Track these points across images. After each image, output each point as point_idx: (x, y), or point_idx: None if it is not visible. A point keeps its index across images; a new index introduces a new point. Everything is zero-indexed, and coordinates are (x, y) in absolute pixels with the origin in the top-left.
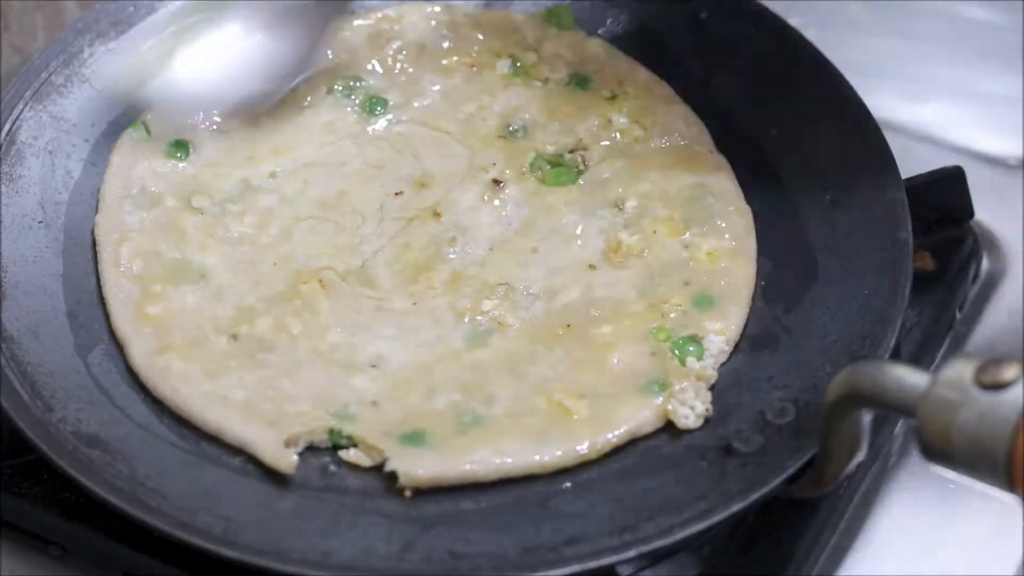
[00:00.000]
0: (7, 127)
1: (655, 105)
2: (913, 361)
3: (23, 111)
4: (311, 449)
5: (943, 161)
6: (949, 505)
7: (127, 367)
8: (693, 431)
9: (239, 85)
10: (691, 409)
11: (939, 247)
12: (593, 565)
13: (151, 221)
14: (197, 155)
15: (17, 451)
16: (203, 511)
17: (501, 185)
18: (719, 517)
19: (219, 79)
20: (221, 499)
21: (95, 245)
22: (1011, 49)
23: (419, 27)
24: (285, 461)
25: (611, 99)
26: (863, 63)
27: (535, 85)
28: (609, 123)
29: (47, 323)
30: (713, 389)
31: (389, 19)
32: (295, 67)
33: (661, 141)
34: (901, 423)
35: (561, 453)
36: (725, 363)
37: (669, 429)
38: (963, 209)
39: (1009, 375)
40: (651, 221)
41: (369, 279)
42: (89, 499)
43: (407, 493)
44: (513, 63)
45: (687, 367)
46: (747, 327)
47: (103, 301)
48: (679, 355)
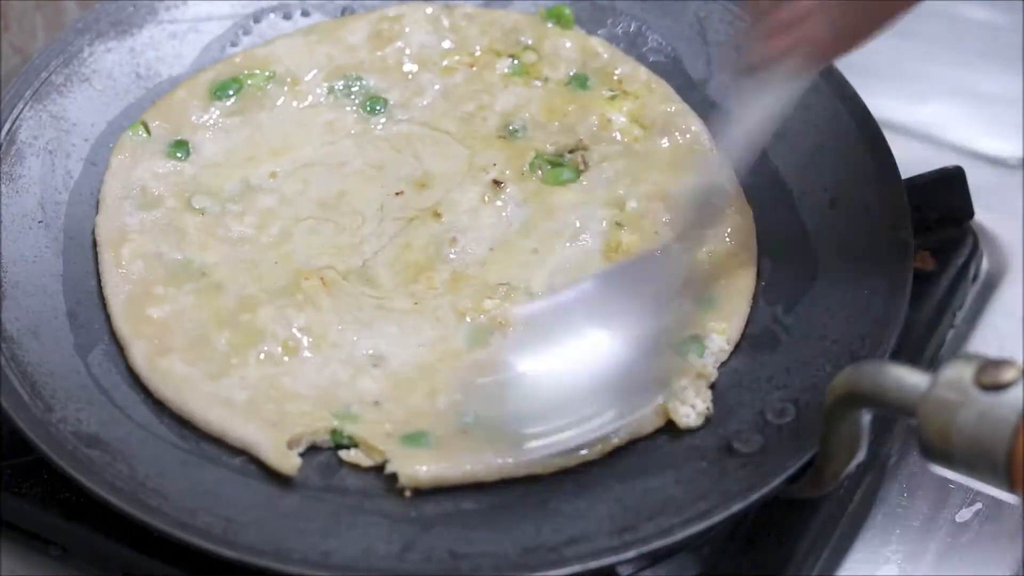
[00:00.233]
0: (7, 127)
1: (655, 105)
2: (913, 361)
3: (23, 111)
4: (311, 448)
5: (943, 161)
6: (949, 505)
7: (127, 367)
8: (693, 431)
9: None
10: (692, 408)
11: (939, 247)
12: (593, 565)
13: (151, 222)
14: (197, 155)
15: (17, 451)
16: (203, 511)
17: (501, 185)
18: (719, 517)
19: None
20: (221, 499)
21: (95, 245)
22: (1011, 49)
23: (419, 27)
24: (288, 462)
25: (611, 99)
26: (863, 63)
27: (535, 85)
28: (609, 123)
29: (47, 323)
30: (713, 389)
31: (389, 19)
32: None
33: (661, 141)
34: (901, 423)
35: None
36: (725, 363)
37: (669, 429)
38: (963, 209)
39: (1009, 376)
40: (651, 221)
41: (370, 278)
42: (89, 499)
43: (407, 493)
44: (513, 63)
45: (688, 365)
46: (747, 327)
47: (103, 301)
48: (680, 354)
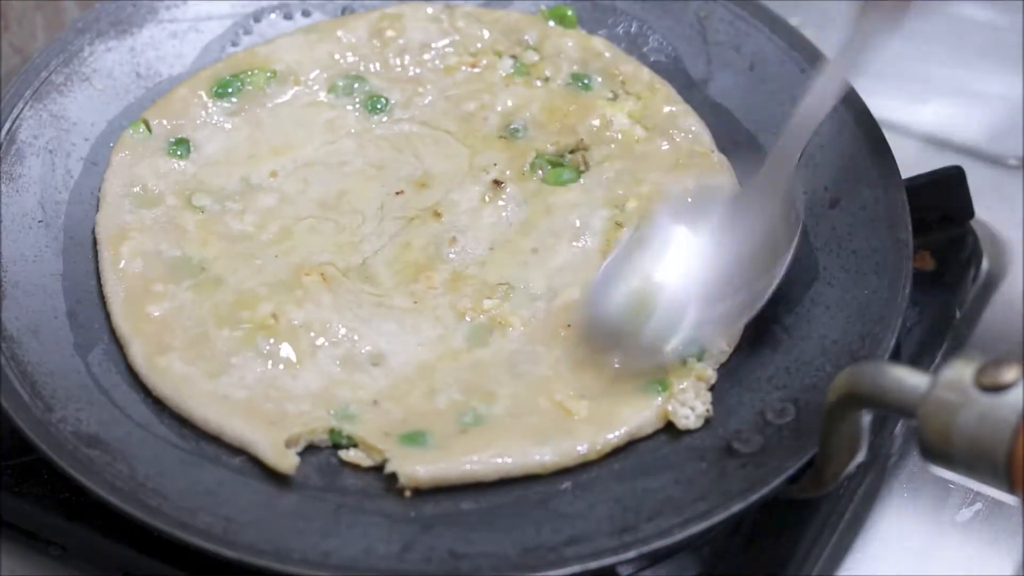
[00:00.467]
0: (7, 126)
1: (656, 105)
2: (913, 361)
3: (23, 110)
4: (311, 448)
5: (943, 161)
6: (949, 505)
7: (127, 367)
8: (693, 431)
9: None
10: (691, 409)
11: (939, 247)
12: (593, 565)
13: (152, 220)
14: (198, 154)
15: (17, 451)
16: (203, 511)
17: (502, 185)
18: (719, 518)
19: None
20: (221, 499)
21: (95, 245)
22: (1011, 49)
23: (420, 26)
24: (286, 462)
25: (612, 99)
26: None
27: (536, 85)
28: (610, 123)
29: (47, 323)
30: (713, 389)
31: (389, 18)
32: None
33: (662, 141)
34: (901, 423)
35: (561, 453)
36: (725, 363)
37: (669, 429)
38: (963, 209)
39: (1009, 377)
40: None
41: (370, 276)
42: (89, 499)
43: (407, 493)
44: (515, 62)
45: (687, 367)
46: (747, 327)
47: (103, 301)
48: (679, 355)
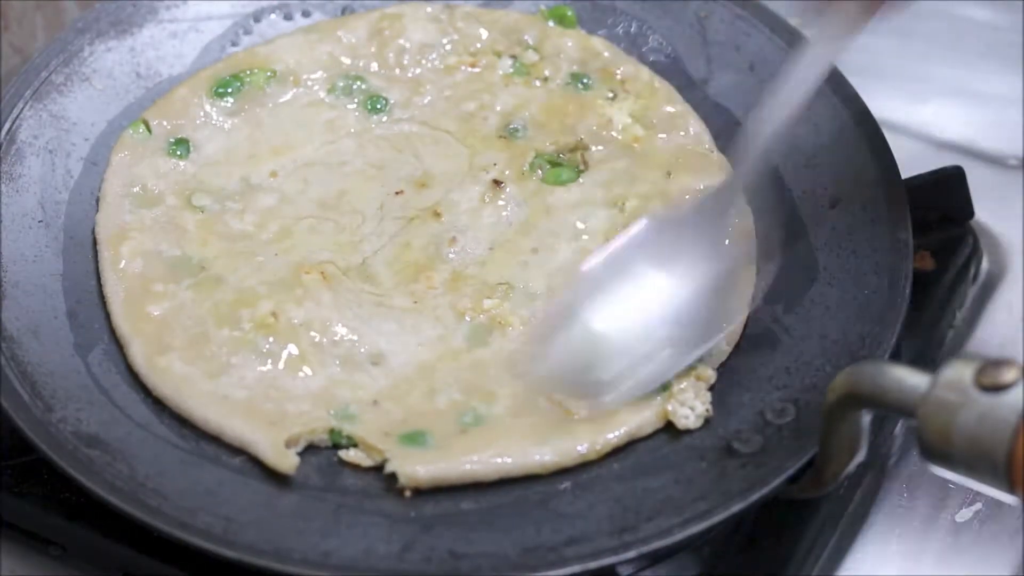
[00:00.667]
0: (7, 126)
1: (656, 105)
2: (913, 361)
3: (23, 110)
4: (311, 448)
5: (943, 161)
6: (949, 505)
7: (127, 367)
8: (693, 431)
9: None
10: (691, 409)
11: (939, 247)
12: (593, 565)
13: (151, 220)
14: (198, 153)
15: (17, 451)
16: (203, 511)
17: (501, 185)
18: (719, 518)
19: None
20: (221, 499)
21: (95, 245)
22: (1011, 49)
23: (419, 26)
24: (286, 462)
25: (612, 99)
26: (863, 63)
27: (536, 85)
28: (610, 123)
29: (47, 323)
30: (713, 389)
31: (389, 18)
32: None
33: (662, 141)
34: (901, 423)
35: (561, 453)
36: (725, 363)
37: (669, 429)
38: (963, 209)
39: (1009, 377)
40: None
41: (370, 276)
42: (89, 499)
43: (407, 493)
44: (514, 62)
45: (687, 367)
46: (747, 327)
47: (103, 301)
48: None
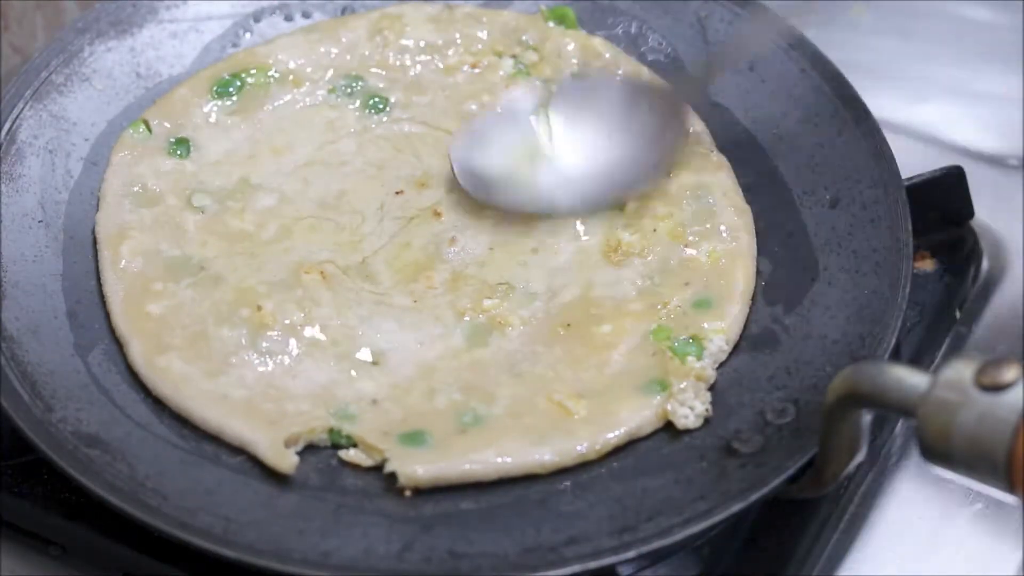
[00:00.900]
0: (7, 126)
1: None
2: (913, 361)
3: (23, 110)
4: (311, 448)
5: (943, 161)
6: (949, 505)
7: (127, 367)
8: (693, 431)
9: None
10: (690, 409)
11: (939, 247)
12: (593, 565)
13: (151, 219)
14: (198, 153)
15: (17, 451)
16: (203, 511)
17: None
18: (719, 517)
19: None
20: (221, 499)
21: (95, 245)
22: (1011, 49)
23: (420, 26)
24: (285, 461)
25: None
26: (863, 63)
27: (536, 85)
28: None
29: (47, 323)
30: (713, 389)
31: (389, 18)
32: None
33: None
34: (901, 423)
35: (561, 453)
36: (725, 363)
37: (669, 429)
38: (963, 209)
39: (1009, 376)
40: (651, 221)
41: (370, 275)
42: (89, 499)
43: (407, 493)
44: (515, 63)
45: (687, 367)
46: (747, 327)
47: (103, 300)
48: (679, 355)
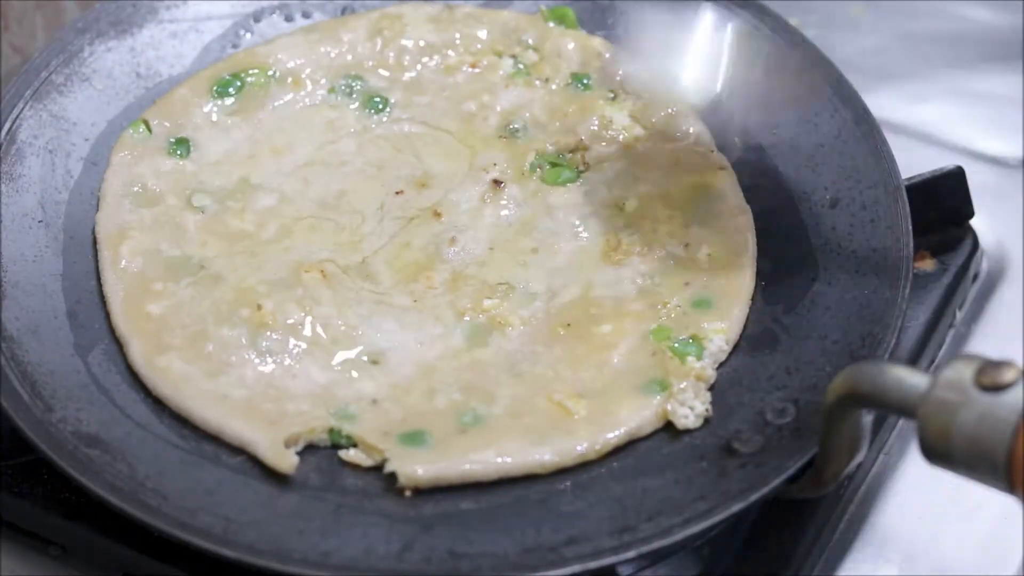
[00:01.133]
0: (7, 126)
1: (656, 105)
2: (913, 361)
3: (23, 110)
4: (311, 448)
5: (943, 161)
6: (949, 505)
7: (127, 367)
8: (692, 431)
9: None
10: (690, 409)
11: (939, 247)
12: (593, 565)
13: (151, 219)
14: (198, 153)
15: (17, 451)
16: (203, 511)
17: (502, 185)
18: (719, 517)
19: None
20: (221, 499)
21: (95, 244)
22: (1011, 49)
23: (420, 26)
24: (285, 461)
25: (612, 99)
26: (863, 63)
27: (536, 85)
28: (610, 123)
29: (47, 323)
30: (713, 389)
31: (389, 18)
32: None
33: (662, 141)
34: (901, 423)
35: (561, 453)
36: (725, 363)
37: (669, 429)
38: (963, 209)
39: (1009, 377)
40: (651, 221)
41: (370, 275)
42: (89, 499)
43: (407, 493)
44: (515, 63)
45: (687, 367)
46: (747, 327)
47: (103, 300)
48: (679, 355)
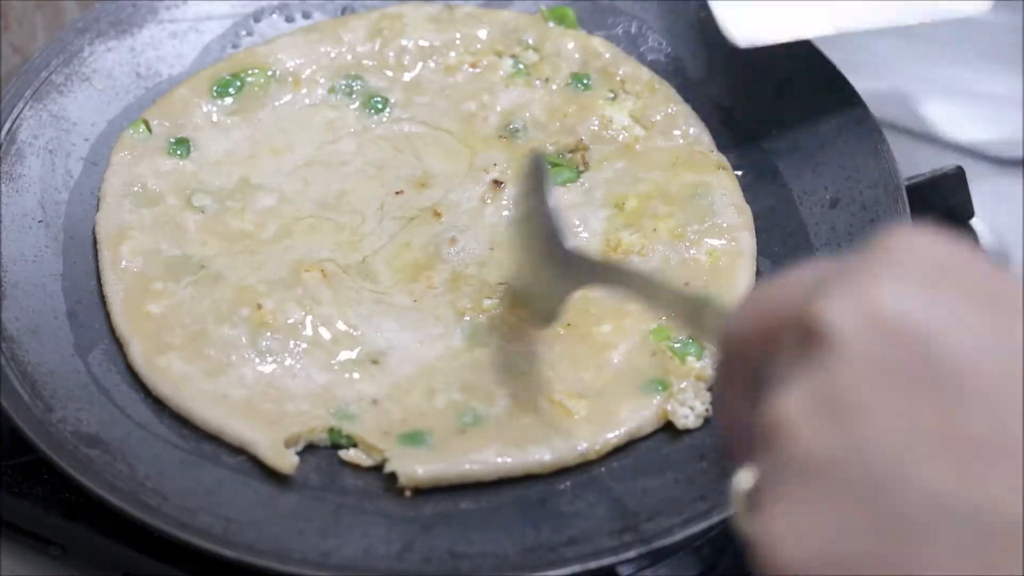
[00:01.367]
0: (7, 126)
1: (656, 105)
2: None
3: (23, 110)
4: (311, 448)
5: (943, 161)
6: None
7: (127, 367)
8: (693, 431)
9: None
10: (690, 409)
11: None
12: (593, 565)
13: (151, 219)
14: (198, 153)
15: (17, 451)
16: (203, 511)
17: (502, 185)
18: (719, 517)
19: None
20: (221, 499)
21: (95, 245)
22: (1011, 49)
23: (420, 26)
24: (285, 461)
25: (612, 99)
26: (863, 63)
27: (536, 85)
28: (610, 123)
29: (47, 323)
30: (713, 389)
31: (389, 18)
32: None
33: (662, 141)
34: None
35: (561, 453)
36: None
37: (669, 429)
38: (963, 209)
39: None
40: (651, 221)
41: (370, 274)
42: (89, 499)
43: (407, 493)
44: (515, 63)
45: (687, 367)
46: None
47: (103, 300)
48: (679, 355)
